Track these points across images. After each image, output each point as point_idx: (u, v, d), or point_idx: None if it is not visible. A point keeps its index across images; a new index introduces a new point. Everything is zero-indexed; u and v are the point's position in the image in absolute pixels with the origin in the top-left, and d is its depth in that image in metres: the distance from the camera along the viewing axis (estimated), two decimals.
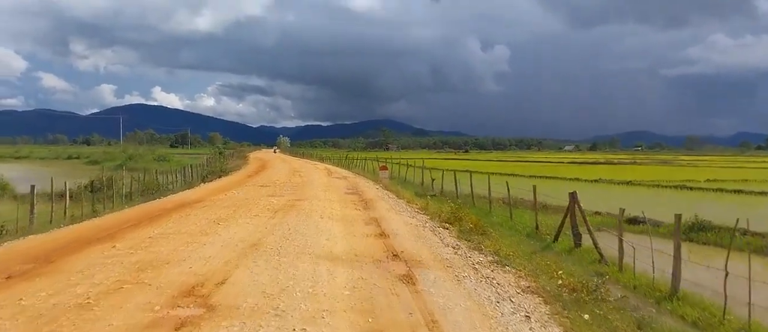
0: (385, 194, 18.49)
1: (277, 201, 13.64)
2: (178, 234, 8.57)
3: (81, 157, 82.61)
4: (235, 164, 46.54)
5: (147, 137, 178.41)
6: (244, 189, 18.50)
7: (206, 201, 14.05)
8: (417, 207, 15.22)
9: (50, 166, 69.84)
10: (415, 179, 32.09)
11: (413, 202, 16.66)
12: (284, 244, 7.61)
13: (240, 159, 59.05)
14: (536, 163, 74.22)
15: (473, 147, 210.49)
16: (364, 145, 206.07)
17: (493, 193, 22.76)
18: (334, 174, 29.22)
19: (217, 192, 17.20)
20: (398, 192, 19.53)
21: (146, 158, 61.23)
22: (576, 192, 12.44)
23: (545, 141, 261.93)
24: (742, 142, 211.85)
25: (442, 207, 14.65)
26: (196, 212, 11.64)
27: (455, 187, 23.39)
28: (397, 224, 10.50)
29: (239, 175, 29.30)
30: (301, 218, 10.58)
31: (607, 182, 37.28)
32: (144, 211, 12.47)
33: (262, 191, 17.15)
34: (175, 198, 15.83)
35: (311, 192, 16.90)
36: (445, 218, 12.98)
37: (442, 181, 25.65)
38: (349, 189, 19.07)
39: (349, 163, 51.26)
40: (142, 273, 5.87)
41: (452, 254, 7.94)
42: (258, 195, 15.50)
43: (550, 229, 15.20)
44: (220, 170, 35.35)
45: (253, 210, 11.73)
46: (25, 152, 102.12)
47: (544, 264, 9.08)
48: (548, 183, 34.34)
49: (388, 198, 16.96)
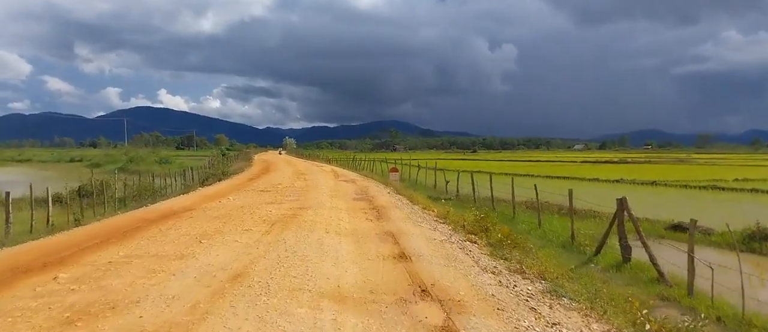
0: (398, 199, 16.67)
1: (277, 211, 11.85)
2: (145, 259, 6.82)
3: (84, 160, 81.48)
4: (238, 166, 44.92)
5: (152, 139, 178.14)
6: (242, 194, 16.76)
7: (196, 210, 12.31)
8: (435, 215, 13.39)
9: (51, 169, 68.59)
10: (426, 181, 30.25)
11: (429, 208, 14.84)
12: (277, 275, 5.82)
13: (244, 161, 57.45)
14: (548, 163, 72.07)
15: (481, 147, 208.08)
16: (371, 146, 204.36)
17: (508, 195, 20.90)
18: (341, 177, 27.45)
19: (212, 198, 15.47)
20: (412, 196, 17.71)
21: (148, 160, 59.80)
22: (625, 199, 10.56)
23: (553, 140, 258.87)
24: (754, 140, 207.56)
25: (464, 215, 12.82)
26: (181, 224, 9.89)
27: (473, 190, 21.54)
28: (419, 240, 8.68)
29: (240, 179, 27.60)
30: (303, 233, 8.78)
31: (629, 183, 35.21)
32: (121, 223, 10.74)
33: (262, 197, 15.39)
34: (164, 206, 14.11)
35: (316, 198, 15.12)
36: (469, 228, 11.18)
37: (457, 183, 23.81)
38: (358, 195, 17.27)
39: (356, 164, 49.46)
40: (69, 328, 4.10)
41: (495, 284, 6.11)
42: (256, 203, 13.74)
43: (587, 239, 13.31)
44: (222, 173, 33.75)
45: (246, 223, 9.96)
46: (28, 155, 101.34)
47: (607, 291, 7.23)
48: (567, 185, 32.32)
49: (401, 204, 15.14)
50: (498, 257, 8.40)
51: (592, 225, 15.21)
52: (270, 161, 55.85)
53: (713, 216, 16.06)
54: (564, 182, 35.08)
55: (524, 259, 8.58)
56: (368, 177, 30.47)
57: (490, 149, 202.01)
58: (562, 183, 34.14)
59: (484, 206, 20.18)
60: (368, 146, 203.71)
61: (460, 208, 19.83)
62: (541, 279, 7.17)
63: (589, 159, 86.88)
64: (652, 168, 58.94)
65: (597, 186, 32.53)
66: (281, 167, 39.81)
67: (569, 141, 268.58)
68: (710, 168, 52.26)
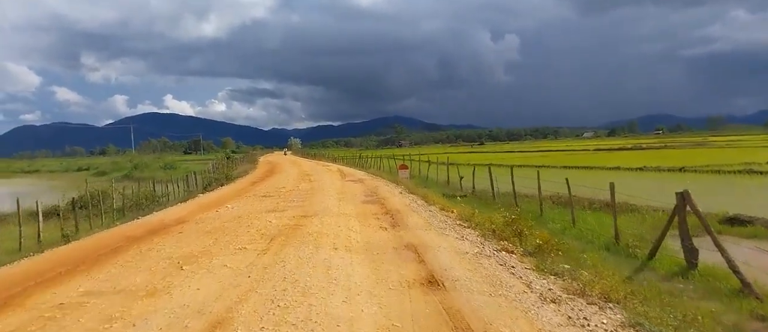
0: (412, 200, 15.15)
1: (278, 221, 10.37)
2: (107, 297, 5.35)
3: (91, 169, 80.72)
4: (242, 169, 43.63)
5: (160, 145, 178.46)
6: (242, 201, 15.32)
7: (188, 223, 10.87)
8: (456, 217, 11.85)
9: (58, 179, 67.79)
10: (438, 177, 28.69)
11: (448, 209, 13.30)
12: (269, 322, 4.31)
13: (249, 163, 56.20)
14: (561, 153, 70.17)
15: (488, 139, 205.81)
16: (376, 142, 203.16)
17: (528, 189, 19.27)
18: (348, 177, 25.96)
19: (209, 207, 14.04)
20: (426, 196, 16.16)
21: (152, 167, 58.72)
22: (688, 193, 8.95)
23: (561, 129, 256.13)
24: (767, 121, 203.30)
25: (490, 217, 11.26)
26: (165, 243, 8.44)
27: (491, 185, 19.93)
28: (447, 255, 7.16)
29: (243, 183, 26.22)
30: (306, 251, 7.28)
31: (654, 170, 33.38)
32: (102, 242, 9.32)
33: (263, 204, 13.93)
34: (155, 218, 12.71)
35: (322, 202, 13.63)
36: (500, 232, 9.64)
37: (473, 179, 22.22)
38: (367, 196, 15.77)
39: (363, 162, 47.98)
40: None
41: (563, 321, 4.57)
42: (256, 211, 12.28)
43: (633, 239, 11.70)
44: (225, 177, 32.46)
45: (241, 238, 8.48)
46: (37, 166, 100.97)
47: (693, 311, 5.67)
48: (588, 175, 30.69)
49: (416, 205, 13.61)
50: (546, 272, 6.87)
51: (632, 222, 13.60)
52: (275, 162, 54.54)
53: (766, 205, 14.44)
54: (584, 173, 33.38)
55: (577, 272, 7.04)
56: (376, 175, 28.97)
57: (496, 141, 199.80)
58: (582, 173, 32.46)
59: (505, 203, 18.62)
60: (373, 143, 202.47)
61: (480, 207, 18.28)
62: (607, 301, 5.63)
63: (603, 146, 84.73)
64: (671, 153, 56.89)
65: (622, 176, 30.78)
66: (286, 169, 38.43)
67: (577, 129, 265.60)
68: (733, 150, 50.12)
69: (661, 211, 16.02)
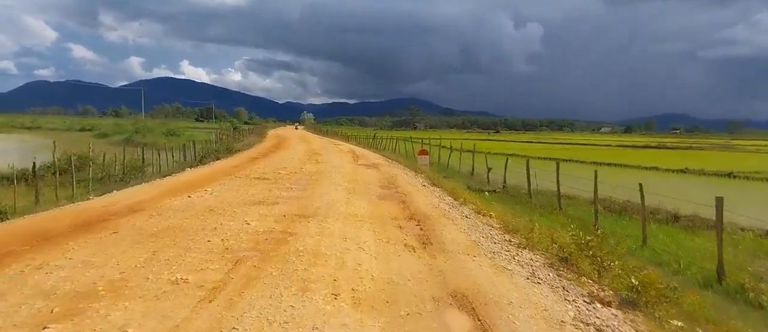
0: (437, 195, 12.04)
1: (259, 224, 7.31)
2: None
3: (94, 130, 78.55)
4: (248, 141, 40.78)
5: (173, 110, 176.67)
6: (228, 183, 12.34)
7: (139, 215, 7.89)
8: (501, 227, 8.75)
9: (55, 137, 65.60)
10: (460, 167, 25.51)
11: (485, 212, 10.15)
12: None
13: (257, 136, 53.36)
14: (581, 146, 66.46)
15: (503, 127, 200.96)
16: (390, 123, 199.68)
17: (566, 188, 16.06)
18: (361, 160, 22.89)
19: (184, 189, 11.08)
20: (454, 191, 13.03)
21: (155, 132, 55.95)
22: None
23: (577, 123, 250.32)
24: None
25: (553, 233, 8.13)
26: (67, 257, 5.45)
27: (528, 181, 16.74)
28: (519, 309, 4.08)
29: (242, 158, 23.29)
30: (282, 305, 4.19)
31: (696, 173, 29.89)
32: None
33: (252, 190, 10.93)
34: (107, 201, 9.77)
35: (327, 194, 10.58)
36: (574, 261, 6.60)
37: (504, 172, 18.99)
38: (384, 188, 12.69)
39: (377, 143, 44.84)
40: None
41: None
42: (238, 202, 9.27)
43: (747, 277, 8.54)
44: (226, 149, 29.58)
45: (190, 257, 5.43)
46: (41, 122, 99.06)
47: None
48: (624, 174, 27.34)
49: (446, 205, 10.50)
50: None
51: (710, 242, 10.39)
52: (284, 137, 51.61)
53: None
54: (618, 171, 29.96)
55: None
56: (392, 160, 25.89)
57: (512, 129, 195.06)
58: (617, 172, 29.05)
59: (544, 204, 15.48)
60: (388, 123, 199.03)
61: (517, 207, 15.14)
62: None
63: (626, 143, 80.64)
64: (700, 155, 52.99)
65: (664, 178, 27.38)
66: (293, 144, 35.45)
67: (593, 123, 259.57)
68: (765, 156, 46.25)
69: (752, 233, 12.81)
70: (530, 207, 15.03)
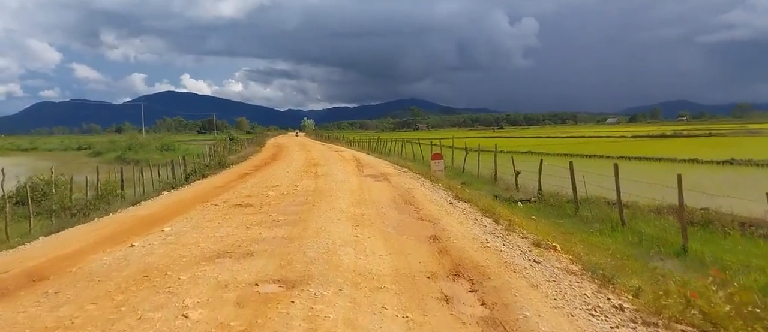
0: (473, 217, 9.19)
1: (206, 313, 4.46)
2: None
3: (90, 148, 76.14)
4: (244, 153, 38.06)
5: (175, 124, 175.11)
6: (198, 216, 9.52)
7: (32, 290, 5.10)
8: (590, 278, 5.88)
9: (48, 159, 63.00)
10: (479, 170, 22.57)
11: (547, 243, 7.29)
12: None
13: (256, 145, 50.69)
14: (595, 140, 63.35)
15: (505, 123, 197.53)
16: (392, 125, 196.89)
17: (601, 189, 13.12)
18: (366, 169, 20.05)
19: (139, 226, 8.29)
20: (492, 209, 10.14)
21: (149, 148, 53.31)
22: None
23: (580, 114, 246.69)
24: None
25: (684, 287, 5.23)
26: None
27: (573, 187, 13.76)
28: None
29: (232, 173, 20.55)
30: None
31: (745, 164, 26.81)
32: None
33: (225, 228, 8.09)
34: (19, 255, 6.97)
35: (326, 229, 7.73)
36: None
37: (539, 176, 16.02)
38: (401, 208, 9.83)
39: (381, 147, 41.99)
40: None
41: None
42: (195, 253, 6.43)
43: None
44: (219, 163, 26.80)
45: None
46: (39, 143, 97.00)
47: None
48: (663, 169, 24.38)
49: (494, 238, 7.63)
50: None
51: None
52: (283, 145, 48.85)
53: None
54: (656, 166, 27.01)
55: None
56: (401, 166, 23.04)
57: (515, 125, 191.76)
58: (655, 168, 26.11)
59: (598, 216, 12.57)
60: (389, 125, 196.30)
61: (560, 220, 12.25)
62: None
63: (639, 133, 77.44)
64: (726, 141, 49.87)
65: (714, 172, 24.35)
66: (291, 154, 32.63)
67: (596, 115, 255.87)
68: None
69: None
70: (581, 222, 12.12)
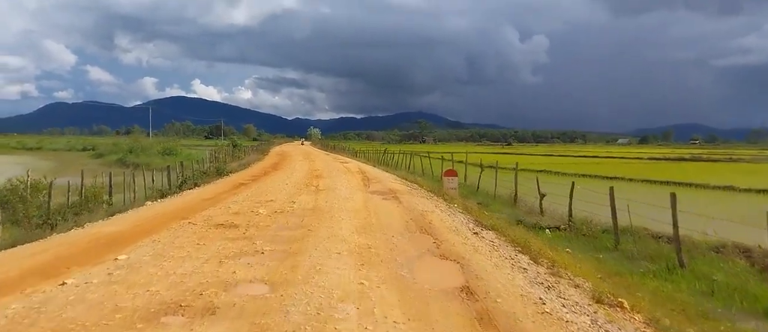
0: (509, 256, 7.43)
1: None
2: None
3: (96, 149, 75.05)
4: (246, 160, 36.48)
5: (183, 128, 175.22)
6: (167, 240, 7.83)
7: None
8: None
9: (50, 158, 61.78)
10: (496, 189, 20.67)
11: (611, 299, 5.48)
12: None
13: (260, 152, 49.27)
14: (610, 160, 61.17)
15: (513, 139, 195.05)
16: (398, 137, 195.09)
17: (676, 227, 11.23)
18: (373, 184, 18.34)
19: (94, 250, 6.63)
20: (527, 244, 8.37)
21: (150, 151, 51.91)
22: None
23: (589, 134, 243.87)
24: None
25: None
26: None
27: (613, 216, 11.85)
28: None
29: (227, 183, 18.93)
30: None
31: None
32: None
33: (192, 261, 6.38)
34: None
35: (323, 268, 6.02)
36: None
37: (570, 200, 14.12)
38: (418, 240, 8.08)
39: (388, 159, 40.30)
40: None
41: None
42: (137, 304, 4.74)
43: None
44: (217, 171, 25.24)
45: None
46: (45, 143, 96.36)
47: None
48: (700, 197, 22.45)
49: (540, 287, 5.86)
50: None
51: None
52: (286, 154, 47.32)
53: None
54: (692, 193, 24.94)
55: None
56: (410, 181, 21.31)
57: (523, 142, 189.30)
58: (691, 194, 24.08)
59: (646, 252, 10.75)
60: (396, 137, 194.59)
61: (600, 254, 10.43)
62: None
63: (656, 155, 75.08)
64: (752, 168, 47.63)
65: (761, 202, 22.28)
66: (294, 164, 30.97)
67: (606, 134, 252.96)
68: None
69: None
70: (625, 258, 10.30)
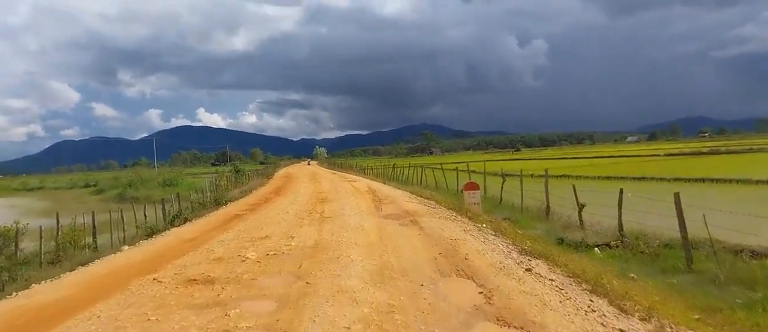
0: (582, 301, 5.28)
1: None
2: None
3: (98, 185, 73.70)
4: (249, 186, 34.52)
5: (190, 157, 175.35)
6: (112, 312, 5.77)
7: None
8: None
9: (49, 199, 60.35)
10: (523, 202, 18.38)
11: None
12: None
13: (265, 176, 47.39)
14: (625, 159, 58.76)
15: (521, 145, 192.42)
16: (405, 150, 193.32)
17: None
18: (386, 204, 16.23)
19: None
20: (598, 278, 6.22)
21: (151, 184, 50.18)
22: None
23: (596, 134, 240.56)
24: None
25: None
26: None
27: (681, 226, 9.56)
28: None
29: (220, 216, 16.93)
30: None
31: None
32: None
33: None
34: None
35: None
36: None
37: (619, 210, 11.87)
38: (456, 289, 5.95)
39: (397, 174, 38.20)
40: None
41: None
42: None
43: None
44: (214, 201, 23.29)
45: None
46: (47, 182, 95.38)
47: None
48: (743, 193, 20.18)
49: None
50: None
51: None
52: (292, 176, 45.38)
53: None
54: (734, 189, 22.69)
55: None
56: (426, 198, 19.20)
57: (531, 147, 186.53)
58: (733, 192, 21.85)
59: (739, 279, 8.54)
60: (402, 151, 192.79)
61: (674, 280, 8.25)
62: None
63: (672, 151, 72.51)
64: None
65: None
66: (298, 187, 28.91)
67: (613, 133, 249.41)
68: None
69: None
70: (706, 282, 8.07)
